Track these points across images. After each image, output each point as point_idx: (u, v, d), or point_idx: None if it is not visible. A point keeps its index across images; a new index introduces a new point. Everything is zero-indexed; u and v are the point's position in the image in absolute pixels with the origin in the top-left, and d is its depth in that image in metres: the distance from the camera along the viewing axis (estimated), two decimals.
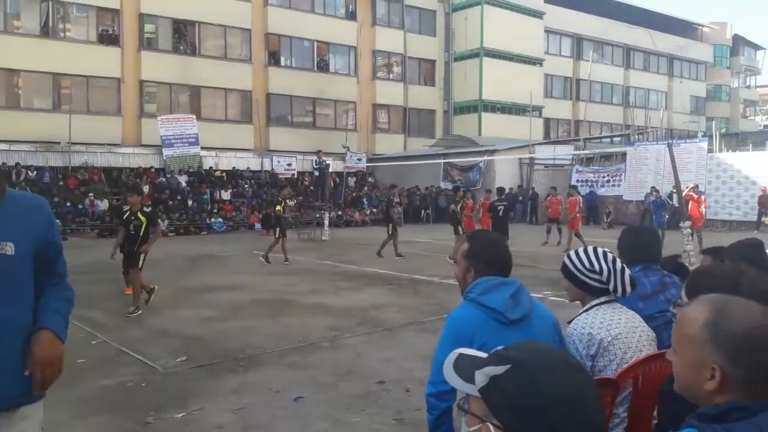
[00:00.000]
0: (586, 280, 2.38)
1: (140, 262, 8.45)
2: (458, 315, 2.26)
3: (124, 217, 8.71)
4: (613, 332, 2.34)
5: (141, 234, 8.41)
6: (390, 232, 14.18)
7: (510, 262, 2.39)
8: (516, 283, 2.25)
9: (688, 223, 14.36)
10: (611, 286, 2.36)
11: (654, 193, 17.32)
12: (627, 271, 2.40)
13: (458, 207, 13.97)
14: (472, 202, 14.95)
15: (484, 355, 1.26)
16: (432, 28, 34.56)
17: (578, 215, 15.92)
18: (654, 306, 2.74)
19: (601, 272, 2.36)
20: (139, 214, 8.47)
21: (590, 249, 2.43)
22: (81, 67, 23.56)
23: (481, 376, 1.16)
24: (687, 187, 15.47)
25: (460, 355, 1.29)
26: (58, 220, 19.54)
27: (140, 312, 8.11)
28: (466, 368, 1.23)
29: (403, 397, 4.89)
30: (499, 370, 1.14)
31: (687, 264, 3.52)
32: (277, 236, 13.32)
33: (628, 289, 2.39)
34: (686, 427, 1.19)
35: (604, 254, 2.39)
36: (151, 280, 9.23)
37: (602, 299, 2.43)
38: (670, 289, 2.84)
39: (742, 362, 1.16)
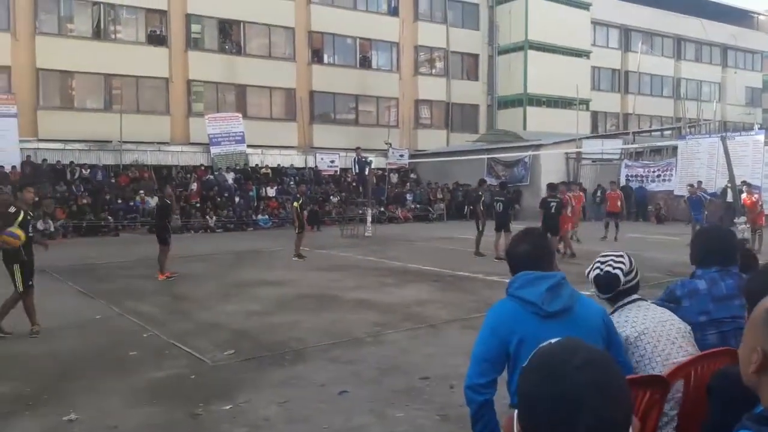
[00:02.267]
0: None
1: (17, 279, 6.77)
2: (496, 309, 2.33)
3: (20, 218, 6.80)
4: (639, 328, 2.41)
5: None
6: (479, 229, 13.85)
7: (537, 258, 2.39)
8: (556, 277, 2.26)
9: (743, 219, 13.82)
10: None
11: (689, 187, 16.50)
12: (593, 275, 2.60)
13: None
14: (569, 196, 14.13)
15: None
16: (475, 22, 34.19)
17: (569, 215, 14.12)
18: (726, 310, 2.66)
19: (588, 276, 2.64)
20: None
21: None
22: (131, 67, 24.22)
23: (521, 368, 1.21)
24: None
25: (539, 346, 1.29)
26: (110, 217, 20.37)
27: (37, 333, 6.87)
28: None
29: (447, 393, 4.86)
30: (527, 364, 1.18)
31: None
32: (297, 232, 13.51)
33: (593, 289, 2.59)
34: (741, 428, 1.19)
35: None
36: (198, 275, 9.46)
37: (628, 299, 2.55)
38: None
39: None
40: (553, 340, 1.22)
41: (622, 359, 2.29)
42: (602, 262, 2.61)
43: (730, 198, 17.10)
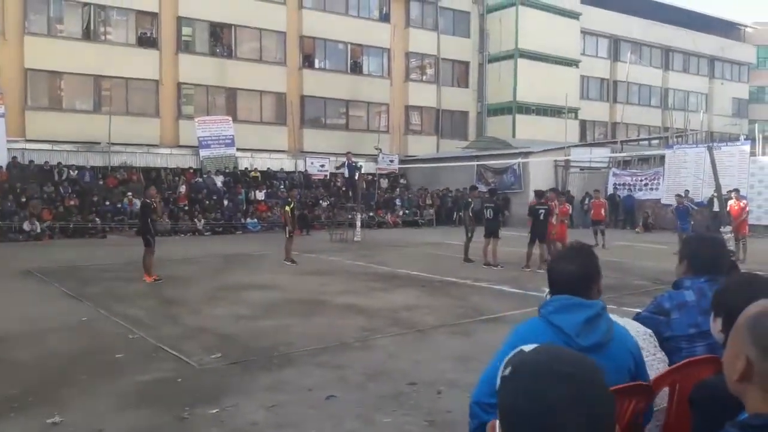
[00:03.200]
0: None
1: None
2: (525, 329, 2.12)
3: None
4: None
5: None
6: (469, 235, 13.81)
7: (581, 281, 2.16)
8: (596, 307, 2.07)
9: (729, 228, 13.96)
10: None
11: (677, 197, 16.68)
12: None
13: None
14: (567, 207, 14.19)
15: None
16: (466, 30, 34.38)
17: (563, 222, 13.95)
18: None
19: None
20: None
21: None
22: (121, 69, 24.12)
23: (500, 376, 1.16)
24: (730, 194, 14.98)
25: (520, 350, 1.26)
26: (98, 219, 20.23)
27: None
28: (504, 366, 1.22)
29: (435, 399, 4.87)
30: (507, 371, 1.14)
31: None
32: (288, 236, 13.51)
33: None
34: None
35: None
36: (186, 278, 9.44)
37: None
38: None
39: None
40: (533, 347, 1.19)
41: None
42: None
43: (716, 207, 17.29)
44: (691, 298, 2.62)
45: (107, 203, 21.53)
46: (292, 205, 14.04)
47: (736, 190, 15.82)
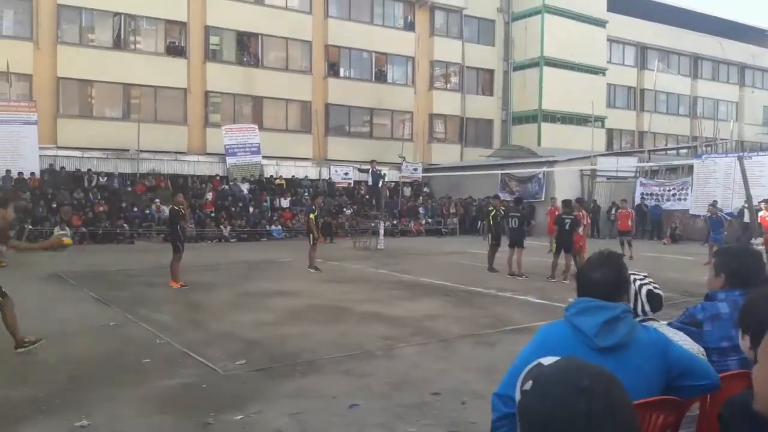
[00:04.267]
0: None
1: None
2: (549, 330, 2.21)
3: None
4: None
5: None
6: (491, 243, 13.71)
7: (608, 287, 2.20)
8: (617, 309, 2.11)
9: (760, 240, 13.64)
10: (631, 306, 2.36)
11: (710, 207, 16.34)
12: (644, 290, 2.44)
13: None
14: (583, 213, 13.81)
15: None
16: (491, 38, 34.33)
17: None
18: None
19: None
20: None
21: None
22: (150, 77, 24.57)
23: (518, 389, 1.20)
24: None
25: (537, 363, 1.29)
26: (125, 225, 20.56)
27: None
28: (524, 379, 1.25)
29: (459, 409, 4.83)
30: (528, 385, 1.15)
31: None
32: (312, 243, 13.52)
33: (647, 308, 2.42)
34: None
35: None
36: (212, 284, 9.53)
37: (638, 319, 2.39)
38: None
39: None
40: (552, 360, 1.20)
41: (709, 381, 2.17)
42: (641, 278, 2.53)
43: (747, 218, 16.93)
44: (725, 310, 2.57)
45: (135, 209, 21.88)
46: (316, 213, 14.03)
47: (767, 201, 15.46)
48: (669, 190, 24.43)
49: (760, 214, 14.48)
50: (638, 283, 2.50)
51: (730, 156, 21.67)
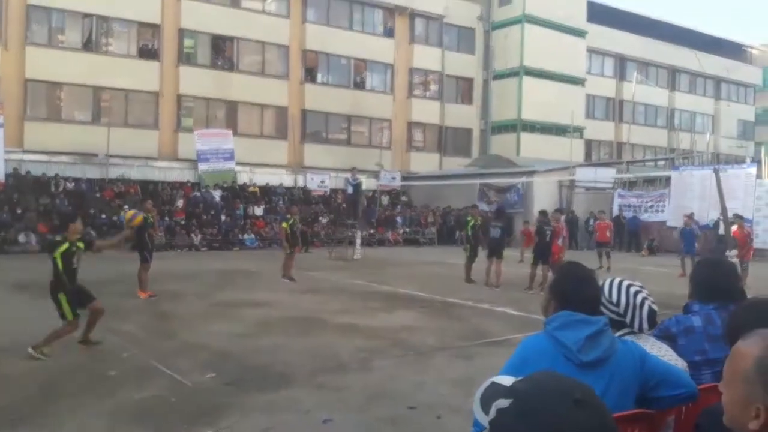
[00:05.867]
0: (604, 311, 2.33)
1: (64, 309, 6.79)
2: (531, 343, 2.18)
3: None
4: None
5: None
6: (468, 254, 13.57)
7: (594, 301, 2.25)
8: (599, 323, 2.11)
9: (734, 252, 13.58)
10: (628, 320, 2.36)
11: (685, 218, 16.25)
12: (646, 306, 2.36)
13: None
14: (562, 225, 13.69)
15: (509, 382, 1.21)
16: (471, 46, 34.26)
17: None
18: (721, 350, 2.45)
19: (618, 304, 2.36)
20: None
21: (615, 280, 2.41)
22: (121, 80, 23.96)
23: (493, 409, 1.14)
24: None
25: (492, 383, 1.24)
26: (93, 231, 19.87)
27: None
28: (488, 399, 1.18)
29: (434, 423, 4.77)
30: (504, 403, 1.12)
31: None
32: (288, 252, 13.23)
33: (645, 325, 2.36)
34: None
35: (627, 287, 2.38)
36: (182, 294, 9.21)
37: (625, 331, 2.38)
38: None
39: None
40: (539, 374, 1.18)
41: (686, 390, 2.17)
42: (645, 295, 2.40)
43: (722, 231, 16.87)
44: (698, 324, 2.60)
45: (103, 216, 21.21)
46: (291, 221, 13.65)
47: (740, 216, 15.35)
48: (647, 202, 24.45)
49: (733, 227, 14.44)
50: (640, 297, 2.38)
51: (707, 168, 21.79)
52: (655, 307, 2.41)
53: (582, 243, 23.90)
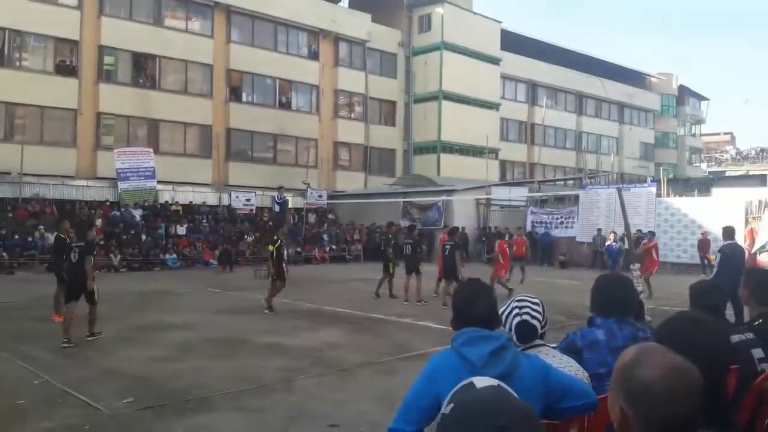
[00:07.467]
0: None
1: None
2: (438, 360, 2.26)
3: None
4: None
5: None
6: (390, 272, 13.75)
7: (486, 316, 2.31)
8: (501, 339, 2.21)
9: (637, 266, 14.74)
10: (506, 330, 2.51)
11: (611, 235, 17.52)
12: (517, 319, 2.51)
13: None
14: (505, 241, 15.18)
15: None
16: (393, 71, 35.29)
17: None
18: None
19: (501, 314, 2.53)
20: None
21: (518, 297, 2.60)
22: (36, 97, 23.12)
23: (444, 408, 1.20)
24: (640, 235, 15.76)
25: (470, 383, 1.31)
26: (5, 253, 19.02)
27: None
28: (452, 396, 1.26)
29: None
30: (447, 408, 1.17)
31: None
32: (272, 279, 12.25)
33: (513, 336, 2.47)
34: None
35: (512, 301, 2.60)
36: (99, 317, 8.99)
37: (534, 343, 2.50)
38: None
39: (639, 408, 1.23)
40: (478, 388, 1.22)
41: (588, 400, 2.25)
42: (520, 308, 2.54)
43: (626, 245, 18.23)
44: (602, 338, 2.67)
45: (16, 237, 20.34)
46: (278, 244, 12.32)
47: (640, 231, 16.59)
48: (557, 219, 25.91)
49: (643, 241, 15.59)
50: (516, 311, 2.54)
51: (611, 187, 23.35)
52: (532, 321, 2.51)
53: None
